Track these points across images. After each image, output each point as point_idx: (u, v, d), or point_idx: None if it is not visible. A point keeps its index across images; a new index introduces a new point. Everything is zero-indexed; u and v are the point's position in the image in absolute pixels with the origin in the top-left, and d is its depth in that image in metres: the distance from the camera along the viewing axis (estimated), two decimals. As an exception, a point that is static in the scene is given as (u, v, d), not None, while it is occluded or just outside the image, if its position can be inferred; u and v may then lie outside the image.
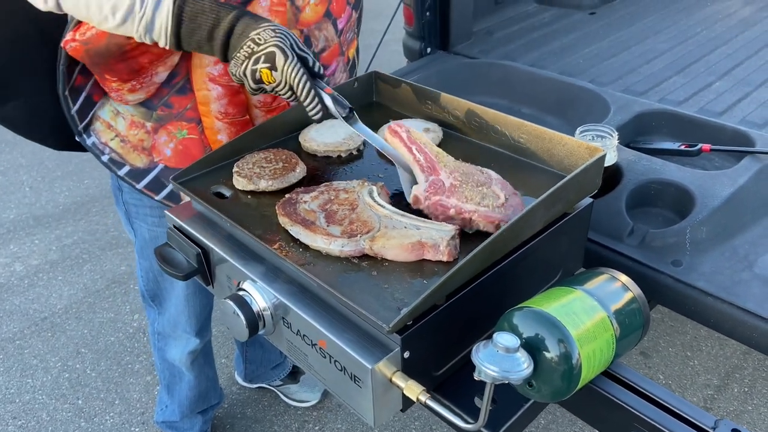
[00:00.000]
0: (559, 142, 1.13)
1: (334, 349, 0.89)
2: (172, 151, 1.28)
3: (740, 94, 1.95)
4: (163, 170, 1.30)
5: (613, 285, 0.93)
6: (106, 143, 1.27)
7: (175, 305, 1.68)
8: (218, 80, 1.19)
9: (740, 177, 1.45)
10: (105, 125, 1.26)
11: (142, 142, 1.27)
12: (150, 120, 1.25)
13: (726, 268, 1.28)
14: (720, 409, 2.31)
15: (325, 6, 1.31)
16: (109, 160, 1.28)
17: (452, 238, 0.93)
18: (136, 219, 1.51)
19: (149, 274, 1.65)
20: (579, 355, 0.79)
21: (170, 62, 1.19)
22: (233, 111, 1.24)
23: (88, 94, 1.23)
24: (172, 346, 1.82)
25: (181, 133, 1.26)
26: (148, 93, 1.22)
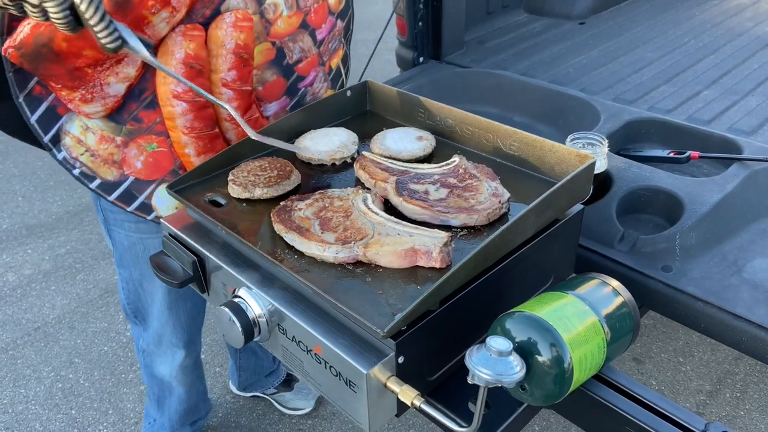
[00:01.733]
0: (550, 149, 1.15)
1: (329, 354, 0.90)
2: (142, 164, 1.29)
3: (728, 103, 1.98)
4: (133, 182, 1.30)
5: (604, 290, 0.95)
6: (77, 158, 1.27)
7: (157, 317, 1.66)
8: (182, 96, 1.19)
9: (728, 183, 1.47)
10: (75, 140, 1.26)
11: (113, 156, 1.27)
12: (120, 134, 1.25)
13: (715, 273, 1.30)
14: (712, 415, 2.32)
15: (300, 17, 1.31)
16: (80, 174, 1.28)
17: (445, 245, 0.95)
18: (114, 226, 1.50)
19: (129, 285, 1.62)
20: (571, 359, 0.81)
21: (123, 74, 1.18)
22: (200, 125, 1.24)
23: (50, 106, 1.22)
24: (159, 363, 1.80)
25: (151, 146, 1.27)
26: (107, 106, 1.21)
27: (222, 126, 1.30)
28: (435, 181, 1.12)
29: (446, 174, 1.14)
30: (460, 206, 1.06)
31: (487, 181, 1.11)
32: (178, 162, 1.30)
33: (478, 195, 1.08)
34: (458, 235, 1.04)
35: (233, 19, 1.20)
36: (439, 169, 1.16)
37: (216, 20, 1.20)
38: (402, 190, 1.09)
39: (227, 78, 1.23)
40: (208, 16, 1.20)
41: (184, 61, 1.17)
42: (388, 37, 2.47)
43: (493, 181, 1.11)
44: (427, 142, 1.27)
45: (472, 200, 1.07)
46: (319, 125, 1.37)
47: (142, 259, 1.53)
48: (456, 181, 1.11)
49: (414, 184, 1.11)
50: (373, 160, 1.19)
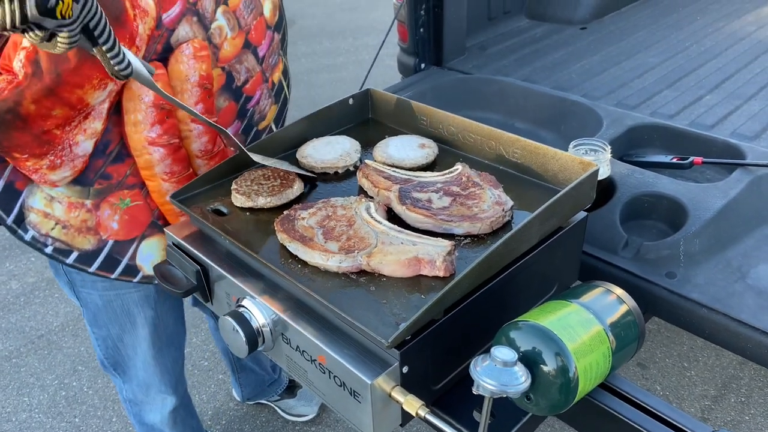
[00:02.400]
0: (553, 157, 1.15)
1: (333, 364, 0.89)
2: (118, 224, 1.21)
3: (730, 107, 1.98)
4: (113, 246, 1.23)
5: (608, 298, 0.94)
6: (48, 234, 1.17)
7: (143, 369, 1.57)
8: (158, 142, 1.14)
9: (732, 189, 1.47)
10: (41, 215, 1.15)
11: (86, 223, 1.18)
12: (88, 197, 1.17)
13: (719, 279, 1.29)
14: (717, 420, 2.31)
15: (243, 37, 1.27)
16: (54, 250, 1.18)
17: (448, 253, 0.94)
18: (82, 287, 1.38)
19: (107, 342, 1.51)
20: (576, 368, 0.80)
21: (91, 130, 1.10)
22: (178, 168, 1.18)
23: (7, 183, 1.11)
24: (148, 411, 1.70)
25: (124, 202, 1.20)
26: (75, 168, 1.11)
27: (194, 164, 1.26)
28: (438, 190, 1.12)
29: (449, 182, 1.14)
30: (463, 214, 1.06)
31: (490, 189, 1.11)
32: (156, 212, 1.24)
33: (481, 203, 1.08)
34: (461, 243, 1.04)
35: (192, 50, 1.15)
36: (442, 177, 1.16)
37: (174, 55, 1.14)
38: (405, 199, 1.09)
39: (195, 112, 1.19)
40: (160, 51, 1.13)
41: (154, 103, 1.11)
42: (389, 43, 2.47)
43: (496, 189, 1.11)
44: (429, 150, 1.27)
45: (476, 208, 1.07)
46: (320, 134, 1.37)
47: (121, 315, 1.45)
48: (459, 190, 1.11)
49: (417, 193, 1.11)
50: (375, 169, 1.19)
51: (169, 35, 1.14)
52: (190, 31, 1.17)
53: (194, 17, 1.17)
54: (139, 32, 1.05)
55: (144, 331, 1.50)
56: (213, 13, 1.21)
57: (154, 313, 1.48)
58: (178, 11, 1.14)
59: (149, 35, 1.09)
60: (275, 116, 1.51)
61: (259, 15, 1.32)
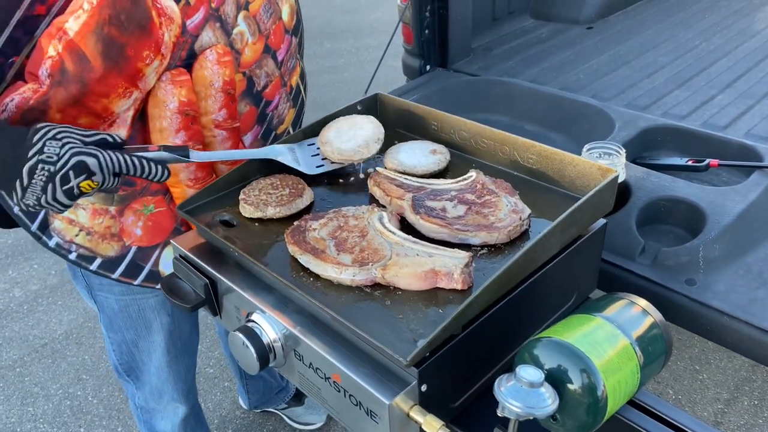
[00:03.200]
0: (570, 162, 1.12)
1: (348, 383, 0.86)
2: (142, 230, 1.21)
3: (743, 107, 1.94)
4: (137, 252, 1.23)
5: (632, 310, 0.91)
6: (72, 240, 1.17)
7: (157, 375, 1.57)
8: None
9: (750, 192, 1.43)
10: (65, 222, 1.16)
11: (110, 229, 1.18)
12: (112, 203, 1.16)
13: (740, 286, 1.26)
14: (731, 423, 2.28)
15: (263, 42, 1.26)
16: (78, 257, 1.19)
17: (466, 265, 0.91)
18: (100, 291, 1.39)
19: (122, 347, 1.51)
20: (604, 387, 0.77)
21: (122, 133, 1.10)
22: (202, 174, 1.18)
23: None
24: (159, 419, 1.69)
25: (148, 208, 1.19)
26: None
27: (218, 170, 1.25)
28: (452, 198, 1.08)
29: (464, 190, 1.10)
30: (479, 224, 1.02)
31: (506, 197, 1.07)
32: (179, 219, 1.23)
33: (498, 211, 1.04)
34: (478, 253, 1.00)
35: (216, 56, 1.14)
36: (456, 184, 1.12)
37: (198, 60, 1.13)
38: (419, 208, 1.05)
39: (219, 118, 1.18)
40: (185, 57, 1.13)
41: (179, 110, 1.10)
42: (391, 44, 2.44)
43: (512, 196, 1.08)
44: (441, 156, 1.24)
45: (492, 217, 1.03)
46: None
47: (137, 320, 1.44)
48: (474, 197, 1.08)
49: (431, 201, 1.08)
50: (387, 176, 1.16)
51: (193, 41, 1.14)
52: (213, 36, 1.16)
53: (217, 23, 1.16)
54: (164, 40, 1.04)
55: (159, 336, 1.49)
56: (234, 18, 1.20)
57: (170, 319, 1.48)
58: (201, 17, 1.13)
59: (174, 42, 1.08)
60: (293, 120, 1.50)
61: (278, 19, 1.31)
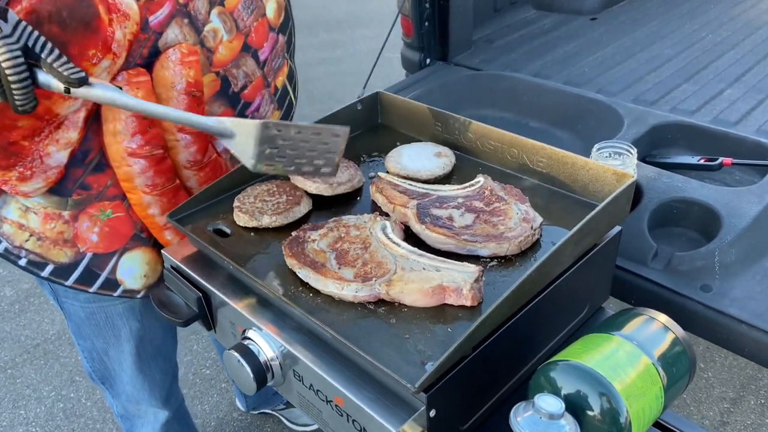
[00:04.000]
0: (583, 166, 1.06)
1: (352, 408, 0.81)
2: (98, 236, 1.14)
3: (753, 102, 1.88)
4: (92, 259, 1.16)
5: (652, 327, 0.86)
6: (21, 246, 1.11)
7: (131, 384, 1.51)
8: (138, 153, 1.06)
9: (767, 193, 1.38)
10: (15, 226, 1.10)
11: (62, 235, 1.12)
12: (66, 208, 1.11)
13: (758, 292, 1.21)
14: (737, 423, 2.24)
15: (241, 40, 1.19)
16: (28, 263, 1.13)
17: (476, 280, 0.86)
18: (65, 298, 1.33)
19: (93, 354, 1.45)
20: (627, 413, 0.72)
21: (65, 140, 1.03)
22: (161, 180, 1.11)
23: None
24: (140, 426, 1.64)
25: (105, 214, 1.13)
26: (48, 180, 1.05)
27: (182, 175, 1.17)
28: (459, 205, 1.03)
29: (471, 197, 1.04)
30: (488, 234, 0.97)
31: (516, 204, 1.02)
32: (138, 225, 1.17)
33: (507, 220, 0.99)
34: (488, 266, 0.95)
35: (179, 56, 1.06)
36: (463, 191, 1.06)
37: (159, 60, 1.06)
38: (424, 217, 0.99)
39: None
40: (146, 56, 1.05)
41: (135, 114, 1.03)
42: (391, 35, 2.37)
43: (522, 203, 1.02)
44: (446, 159, 1.18)
45: (501, 226, 0.98)
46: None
47: (104, 328, 1.38)
48: (482, 205, 1.02)
49: (436, 209, 1.02)
50: (390, 182, 1.10)
51: (157, 38, 1.05)
52: (180, 33, 1.08)
53: (185, 19, 1.08)
54: (116, 38, 0.97)
55: (129, 345, 1.43)
56: (207, 14, 1.12)
57: (139, 324, 1.40)
58: (166, 13, 1.05)
59: (131, 40, 1.01)
60: None
61: (260, 16, 1.23)
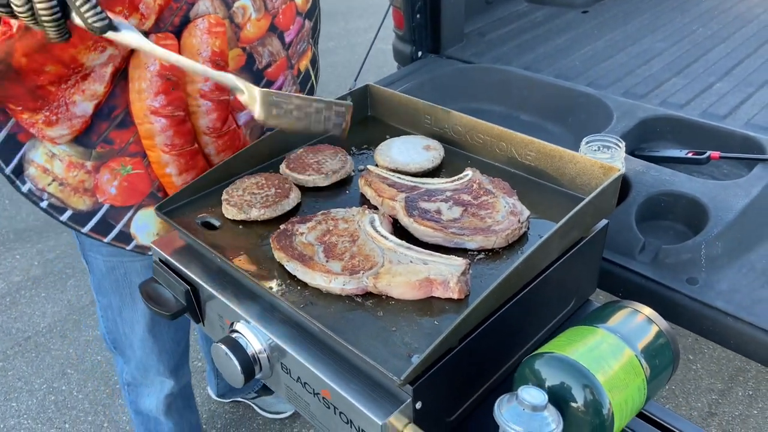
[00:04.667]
0: (570, 160, 1.07)
1: (339, 400, 0.81)
2: (117, 189, 1.19)
3: (743, 96, 1.89)
4: (108, 210, 1.21)
5: (636, 319, 0.87)
6: (44, 189, 1.17)
7: (140, 347, 1.55)
8: (161, 112, 1.11)
9: (754, 187, 1.39)
10: (40, 170, 1.16)
11: (83, 183, 1.18)
12: (90, 159, 1.17)
13: (744, 285, 1.22)
14: (725, 414, 2.26)
15: (269, 20, 1.24)
16: (49, 206, 1.19)
17: (463, 273, 0.86)
18: (90, 251, 1.40)
19: (108, 313, 1.51)
20: (610, 405, 0.73)
21: (91, 91, 1.09)
22: (180, 141, 1.16)
23: (10, 133, 1.13)
24: (145, 395, 1.67)
25: (125, 169, 1.18)
26: (73, 128, 1.12)
27: (201, 140, 1.21)
28: (447, 199, 1.03)
29: (459, 190, 1.05)
30: (476, 227, 0.97)
31: (504, 198, 1.02)
32: (156, 184, 1.21)
33: (495, 213, 0.99)
34: (475, 258, 0.95)
35: (207, 25, 1.11)
36: (452, 184, 1.07)
37: (188, 28, 1.11)
38: (412, 210, 1.00)
39: (204, 88, 1.14)
40: (177, 24, 1.10)
41: (160, 73, 1.08)
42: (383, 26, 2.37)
43: (510, 197, 1.03)
44: (435, 152, 1.18)
45: (489, 219, 0.98)
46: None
47: (122, 284, 1.43)
48: (470, 198, 1.03)
49: (425, 202, 1.02)
50: (379, 175, 1.10)
51: (189, 9, 1.11)
52: (211, 7, 1.14)
53: None
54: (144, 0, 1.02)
55: (143, 305, 1.44)
56: None
57: None
58: None
59: (161, 5, 1.06)
60: None
61: (289, 0, 1.29)
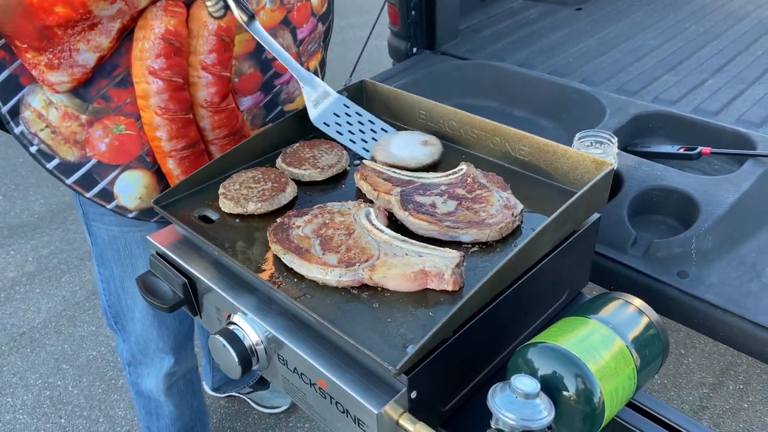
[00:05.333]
0: (563, 155, 1.08)
1: (335, 390, 0.82)
2: (107, 146, 1.21)
3: (734, 92, 1.91)
4: (95, 165, 1.23)
5: (627, 311, 0.88)
6: (36, 133, 1.20)
7: (141, 320, 1.54)
8: (159, 74, 1.14)
9: (744, 182, 1.41)
10: (35, 114, 1.19)
11: (75, 135, 1.20)
12: (85, 112, 1.19)
13: (734, 278, 1.24)
14: (716, 408, 2.29)
15: (283, 13, 1.27)
16: (38, 151, 1.21)
17: (457, 265, 0.87)
18: (93, 220, 1.42)
19: (110, 285, 1.51)
20: (601, 394, 0.74)
21: (95, 43, 1.12)
22: (174, 107, 1.18)
23: (13, 74, 1.16)
24: (145, 375, 1.65)
25: (119, 128, 1.20)
26: (74, 77, 1.14)
27: (197, 113, 1.23)
28: (442, 192, 1.04)
29: (454, 184, 1.06)
30: (470, 220, 0.98)
31: (497, 192, 1.03)
32: (146, 148, 1.23)
33: (489, 207, 1.01)
34: (469, 251, 0.97)
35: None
36: (446, 178, 1.08)
37: (198, 1, 1.14)
38: (407, 204, 1.01)
39: (207, 61, 1.17)
40: None
41: (164, 36, 1.11)
42: (378, 23, 2.37)
43: (504, 191, 1.04)
44: (433, 148, 1.19)
45: (483, 213, 1.00)
46: (316, 128, 1.29)
47: (123, 254, 1.44)
48: (465, 192, 1.04)
49: (419, 196, 1.03)
50: (374, 170, 1.11)
51: None
52: None
53: None
54: None
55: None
56: None
57: None
58: None
59: None
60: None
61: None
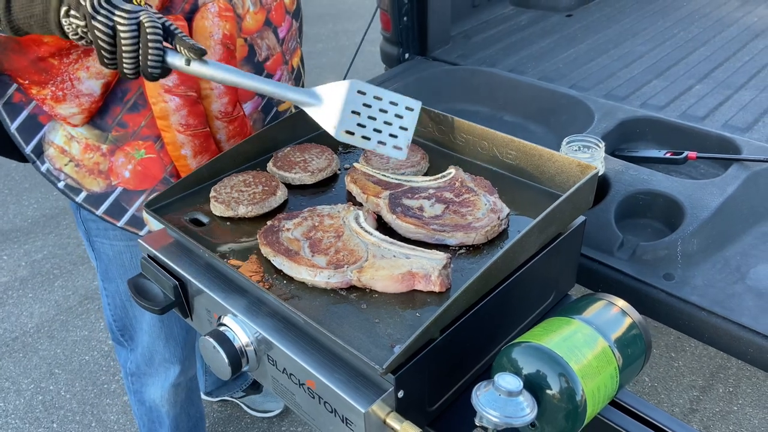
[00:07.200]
0: (549, 158, 1.10)
1: (323, 390, 0.84)
2: (131, 173, 1.23)
3: (721, 98, 1.94)
4: (122, 193, 1.25)
5: (611, 311, 0.90)
6: (61, 169, 1.23)
7: (148, 332, 1.55)
8: (174, 90, 1.14)
9: (728, 186, 1.43)
10: (58, 150, 1.21)
11: (98, 165, 1.22)
12: (105, 142, 1.21)
13: (718, 280, 1.26)
14: (706, 411, 2.31)
15: (264, 14, 1.29)
16: (66, 186, 1.24)
17: (444, 267, 0.89)
18: (97, 236, 1.43)
19: (116, 300, 1.52)
20: (583, 392, 0.76)
21: (96, 69, 1.12)
22: (194, 122, 1.19)
23: (31, 114, 1.18)
24: (149, 385, 1.66)
25: (139, 153, 1.22)
26: (82, 107, 1.15)
27: (213, 126, 1.25)
28: (430, 196, 1.06)
29: (442, 188, 1.08)
30: (456, 224, 1.00)
31: (484, 195, 1.05)
32: (169, 169, 1.24)
33: (476, 211, 1.02)
34: (456, 253, 0.98)
35: (217, 9, 1.15)
36: (435, 182, 1.10)
37: (200, 11, 1.15)
38: (395, 207, 1.03)
39: None
40: (188, 10, 1.14)
41: None
42: (370, 29, 2.39)
43: (491, 195, 1.06)
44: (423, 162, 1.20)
45: (470, 216, 1.01)
46: (306, 132, 1.31)
47: (129, 268, 1.45)
48: (452, 196, 1.06)
49: (407, 200, 1.05)
50: (364, 173, 1.13)
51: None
52: None
53: None
54: None
55: None
56: None
57: None
58: None
59: None
60: None
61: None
